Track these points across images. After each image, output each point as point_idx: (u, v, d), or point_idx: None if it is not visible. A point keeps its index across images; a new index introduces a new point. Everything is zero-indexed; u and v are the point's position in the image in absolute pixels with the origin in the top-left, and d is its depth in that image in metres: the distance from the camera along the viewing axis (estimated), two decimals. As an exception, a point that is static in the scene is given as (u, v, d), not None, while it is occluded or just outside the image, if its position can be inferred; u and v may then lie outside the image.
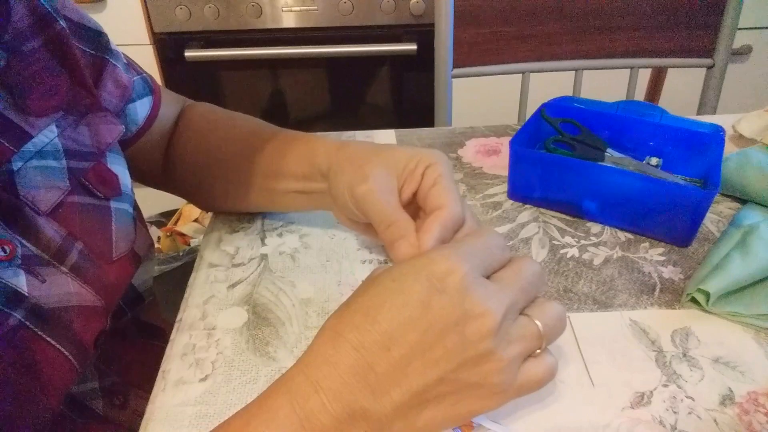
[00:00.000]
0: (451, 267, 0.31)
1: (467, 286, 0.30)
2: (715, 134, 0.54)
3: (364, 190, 0.40)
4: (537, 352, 0.33)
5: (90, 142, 0.43)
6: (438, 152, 0.41)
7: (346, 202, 0.42)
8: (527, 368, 0.32)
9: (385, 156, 0.41)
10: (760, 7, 1.34)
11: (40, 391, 0.37)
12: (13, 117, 0.38)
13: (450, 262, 0.31)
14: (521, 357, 0.32)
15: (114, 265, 0.44)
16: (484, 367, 0.30)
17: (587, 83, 0.99)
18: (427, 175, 0.40)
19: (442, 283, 0.30)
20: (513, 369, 0.31)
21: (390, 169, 0.41)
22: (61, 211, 0.40)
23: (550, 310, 0.33)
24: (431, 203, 0.39)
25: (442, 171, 0.40)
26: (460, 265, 0.31)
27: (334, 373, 0.30)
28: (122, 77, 0.48)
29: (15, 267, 0.37)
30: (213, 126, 0.55)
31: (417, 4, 1.30)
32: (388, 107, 1.47)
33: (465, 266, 0.31)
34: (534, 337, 0.32)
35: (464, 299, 0.30)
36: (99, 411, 0.47)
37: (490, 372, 0.30)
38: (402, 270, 0.32)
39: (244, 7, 1.31)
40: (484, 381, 0.30)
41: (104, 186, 0.44)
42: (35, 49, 0.40)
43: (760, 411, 0.36)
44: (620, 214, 0.52)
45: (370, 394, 0.29)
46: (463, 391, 0.30)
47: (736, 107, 0.85)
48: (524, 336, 0.32)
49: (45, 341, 0.38)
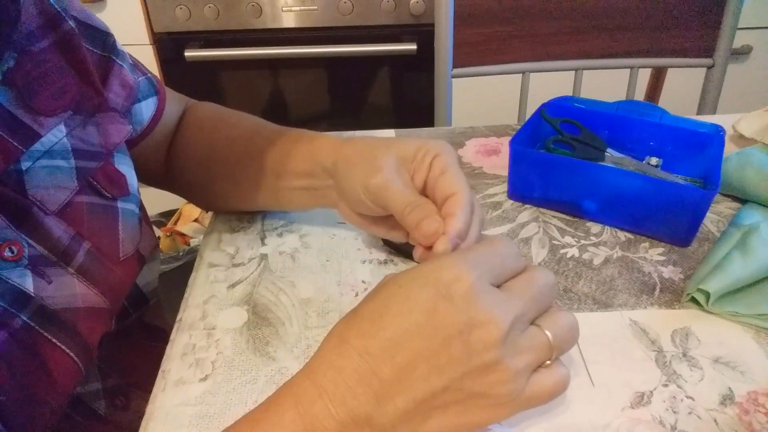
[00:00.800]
0: (458, 274, 0.30)
1: (474, 294, 0.30)
2: (715, 134, 0.54)
3: (381, 181, 0.40)
4: (547, 363, 0.32)
5: (98, 142, 0.43)
6: (443, 142, 0.42)
7: (359, 195, 0.42)
8: (537, 380, 0.31)
9: (394, 148, 0.42)
10: (760, 7, 1.33)
11: (47, 392, 0.37)
12: (22, 117, 0.38)
13: (458, 269, 0.30)
14: (530, 368, 0.31)
15: (120, 266, 0.44)
16: (490, 377, 0.30)
17: (587, 83, 0.99)
18: (434, 165, 0.40)
19: (448, 290, 0.30)
20: (521, 380, 0.30)
21: (400, 160, 0.41)
22: (69, 211, 0.40)
23: (561, 320, 0.32)
24: (442, 191, 0.39)
25: (449, 160, 0.40)
26: (468, 272, 0.30)
27: (339, 378, 0.30)
28: (128, 78, 0.48)
29: (22, 268, 0.37)
30: (216, 125, 0.55)
31: (417, 4, 1.30)
32: (388, 107, 1.47)
33: (473, 274, 0.30)
34: (544, 348, 0.31)
35: (470, 307, 0.30)
36: (101, 412, 0.47)
37: (496, 382, 0.30)
38: (409, 276, 0.32)
39: (244, 7, 1.31)
40: (490, 391, 0.30)
41: (112, 186, 0.44)
42: (44, 49, 0.40)
43: (760, 411, 0.36)
44: (620, 214, 0.52)
45: (374, 400, 0.29)
46: (469, 400, 0.30)
47: (736, 107, 0.85)
48: (533, 346, 0.31)
49: (51, 342, 0.38)
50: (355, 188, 0.42)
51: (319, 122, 1.51)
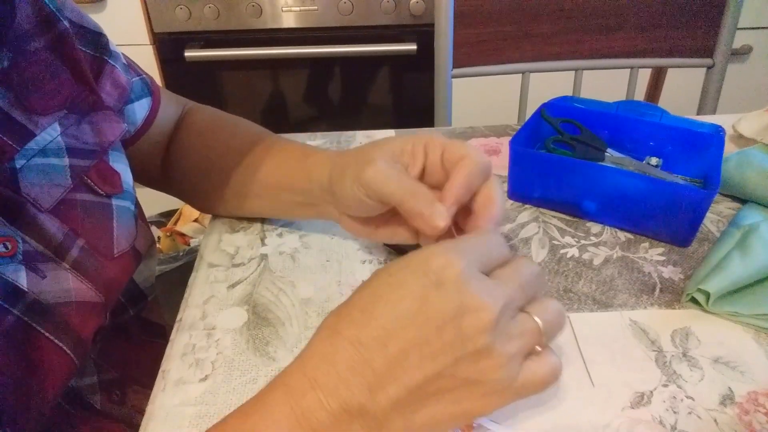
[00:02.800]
0: (448, 261, 0.30)
1: (464, 280, 0.30)
2: (715, 134, 0.54)
3: (374, 171, 0.39)
4: (538, 350, 0.32)
5: (92, 141, 0.43)
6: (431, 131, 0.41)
7: (354, 194, 0.40)
8: (529, 367, 0.31)
9: (384, 145, 0.41)
10: (760, 7, 1.34)
11: (40, 384, 0.37)
12: (17, 115, 0.38)
13: (447, 256, 0.31)
14: (521, 354, 0.31)
15: (115, 262, 0.44)
16: (483, 363, 0.30)
17: (587, 83, 0.99)
18: (429, 149, 0.40)
19: (438, 276, 0.30)
20: (513, 366, 0.31)
21: (391, 154, 0.41)
22: (63, 208, 0.40)
23: (549, 306, 0.33)
24: (450, 158, 0.39)
25: (443, 140, 0.40)
26: (458, 259, 0.30)
27: (331, 369, 0.30)
28: (120, 78, 0.48)
29: (16, 263, 0.37)
30: (215, 133, 0.55)
31: (417, 4, 1.30)
32: (388, 107, 1.47)
33: (462, 261, 0.30)
34: (533, 333, 0.32)
35: (461, 293, 0.30)
36: (97, 405, 0.47)
37: (488, 368, 0.30)
38: (399, 265, 0.32)
39: (244, 7, 1.31)
40: (483, 378, 0.30)
41: (106, 184, 0.44)
42: (39, 49, 0.40)
43: (760, 411, 0.36)
44: (620, 214, 0.52)
45: (366, 390, 0.29)
46: (462, 388, 0.30)
47: (736, 107, 0.85)
48: (523, 332, 0.31)
49: (44, 336, 0.38)
50: (351, 190, 0.41)
51: (319, 122, 1.51)
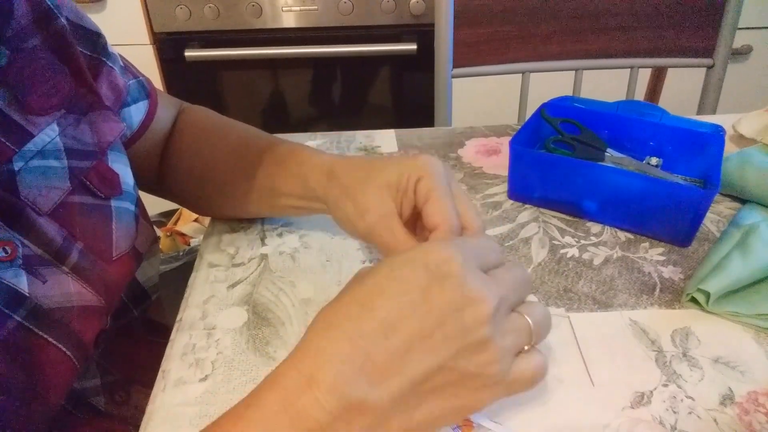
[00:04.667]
0: (449, 256, 0.31)
1: (464, 273, 0.30)
2: (715, 134, 0.54)
3: (368, 225, 0.40)
4: (525, 349, 0.33)
5: (91, 141, 0.43)
6: (427, 159, 0.40)
7: (352, 230, 0.43)
8: (518, 363, 0.32)
9: (376, 180, 0.41)
10: (760, 7, 1.33)
11: (42, 389, 0.37)
12: (15, 116, 0.37)
13: (447, 251, 0.31)
14: (514, 349, 0.32)
15: (114, 264, 0.44)
16: (482, 356, 0.30)
17: (587, 83, 0.99)
18: (419, 190, 0.39)
19: (439, 270, 0.30)
20: (507, 360, 0.31)
21: (384, 194, 0.40)
22: (61, 212, 0.40)
23: (537, 308, 0.34)
24: (427, 222, 0.39)
25: (433, 184, 0.39)
26: (457, 254, 0.31)
27: (328, 365, 0.29)
28: (117, 80, 0.47)
29: (16, 268, 0.37)
30: (209, 137, 0.54)
31: (417, 4, 1.30)
32: (388, 107, 1.47)
33: (460, 257, 0.31)
34: (525, 331, 0.32)
35: (462, 286, 0.30)
36: (101, 407, 0.47)
37: (485, 362, 0.30)
38: (398, 261, 0.32)
39: (244, 7, 1.31)
40: (481, 371, 0.30)
41: (105, 186, 0.44)
42: (37, 46, 0.39)
43: (760, 411, 0.36)
44: (620, 214, 0.52)
45: (367, 384, 0.28)
46: (461, 381, 0.30)
47: (736, 107, 0.85)
48: (516, 329, 0.32)
49: (45, 340, 0.38)
50: (345, 224, 0.43)
51: (319, 122, 1.51)
